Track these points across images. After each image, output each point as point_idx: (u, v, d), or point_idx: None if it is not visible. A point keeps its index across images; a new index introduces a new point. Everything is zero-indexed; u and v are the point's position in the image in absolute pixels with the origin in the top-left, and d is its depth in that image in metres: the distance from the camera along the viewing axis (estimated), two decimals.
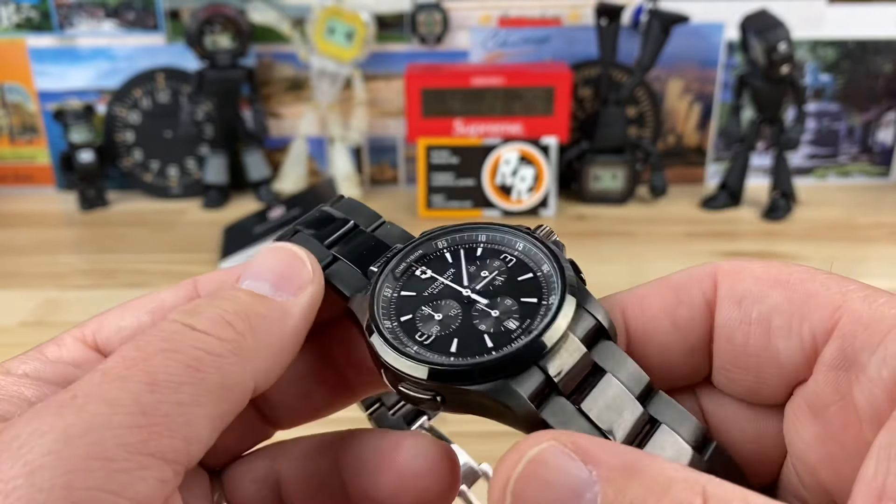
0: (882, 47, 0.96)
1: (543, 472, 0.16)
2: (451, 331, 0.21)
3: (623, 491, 0.16)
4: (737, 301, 0.20)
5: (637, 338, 0.21)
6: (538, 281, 0.22)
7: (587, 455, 0.16)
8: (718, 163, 1.01)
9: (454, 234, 0.24)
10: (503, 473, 0.17)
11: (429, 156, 0.91)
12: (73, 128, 0.93)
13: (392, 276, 0.23)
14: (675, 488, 0.15)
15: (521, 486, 0.17)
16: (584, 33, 0.95)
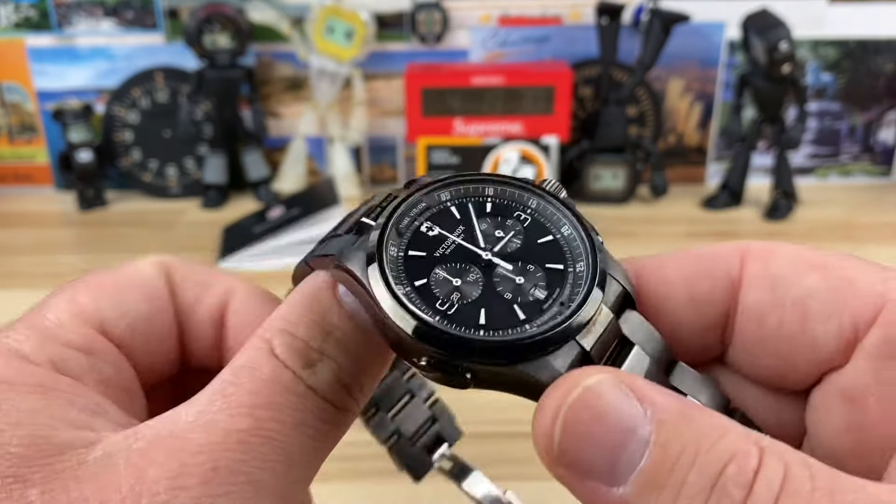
0: (883, 47, 0.96)
1: (598, 403, 0.16)
2: (474, 299, 0.20)
3: (679, 433, 0.16)
4: (769, 283, 0.19)
5: (649, 305, 0.21)
6: (559, 245, 0.21)
7: (643, 395, 0.16)
8: (719, 162, 1.01)
9: (458, 186, 0.23)
10: (554, 401, 0.17)
11: (429, 155, 0.90)
12: (72, 127, 0.93)
13: (395, 231, 0.20)
14: (730, 436, 0.15)
15: (573, 415, 0.16)
16: (584, 32, 0.95)
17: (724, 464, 0.15)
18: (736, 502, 0.15)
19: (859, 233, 0.86)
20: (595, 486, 0.16)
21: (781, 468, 0.15)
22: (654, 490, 0.15)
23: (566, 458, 0.16)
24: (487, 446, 0.50)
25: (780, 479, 0.15)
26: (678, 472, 0.15)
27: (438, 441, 0.33)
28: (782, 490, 0.15)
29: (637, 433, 0.16)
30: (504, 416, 0.54)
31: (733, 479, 0.15)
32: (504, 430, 0.52)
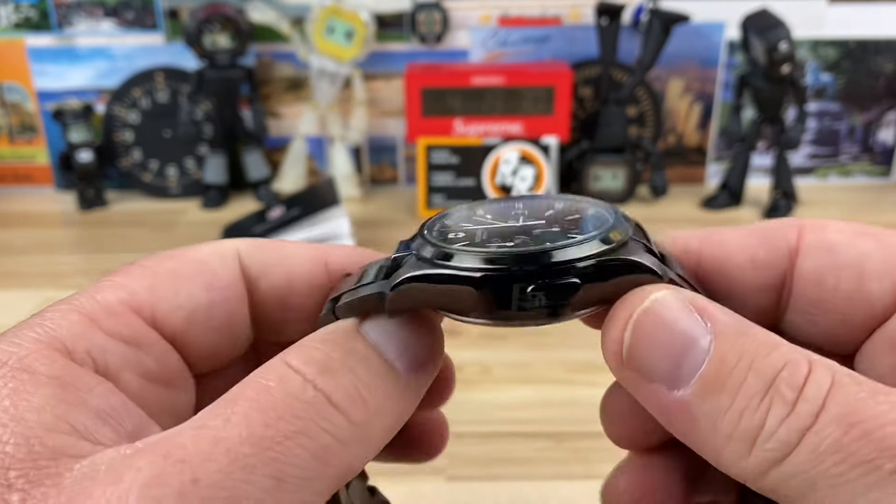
0: (883, 47, 0.96)
1: (666, 314, 0.18)
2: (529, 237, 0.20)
3: (737, 344, 0.17)
4: (826, 248, 0.21)
5: (709, 268, 0.22)
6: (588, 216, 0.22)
7: (705, 310, 0.18)
8: (719, 162, 1.01)
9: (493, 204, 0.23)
10: (626, 309, 0.18)
11: (429, 155, 0.90)
12: (72, 127, 0.93)
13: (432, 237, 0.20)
14: (783, 348, 0.17)
15: (643, 321, 0.18)
16: (584, 33, 0.95)
17: (778, 370, 0.17)
18: (789, 402, 0.17)
19: None
20: (658, 388, 0.18)
21: (829, 376, 0.17)
22: (712, 392, 0.17)
23: (633, 362, 0.18)
24: (487, 446, 0.50)
25: (828, 384, 0.17)
26: (736, 376, 0.17)
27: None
28: (830, 391, 0.16)
29: (699, 343, 0.18)
30: (504, 416, 0.54)
31: (787, 382, 0.17)
32: (504, 430, 0.52)
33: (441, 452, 0.24)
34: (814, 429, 0.16)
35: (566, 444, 0.50)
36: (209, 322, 0.21)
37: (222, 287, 0.21)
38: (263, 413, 0.16)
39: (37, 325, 0.19)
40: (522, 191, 0.90)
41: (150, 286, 0.21)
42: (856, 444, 0.16)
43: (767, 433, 0.17)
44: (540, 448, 0.50)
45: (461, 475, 0.48)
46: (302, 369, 0.17)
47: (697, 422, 0.18)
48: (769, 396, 0.17)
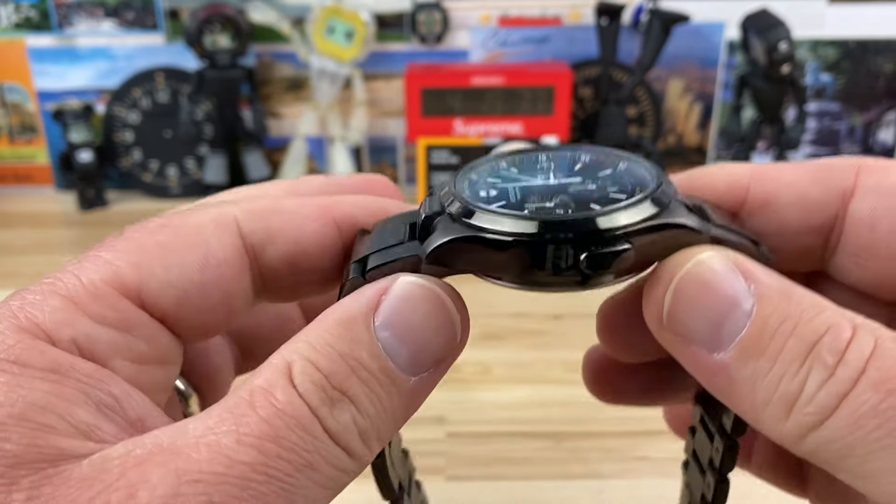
0: (883, 47, 0.96)
1: (708, 276, 0.18)
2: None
3: (780, 307, 0.17)
4: (884, 191, 0.20)
5: (756, 203, 0.21)
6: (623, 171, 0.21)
7: (748, 272, 0.18)
8: (719, 162, 1.01)
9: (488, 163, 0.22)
10: (669, 270, 0.18)
11: (429, 155, 0.90)
12: (73, 127, 0.93)
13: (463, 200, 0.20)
14: (827, 312, 0.17)
15: (685, 283, 0.18)
16: (584, 33, 0.95)
17: (821, 334, 0.17)
18: (829, 367, 0.16)
19: None
20: (698, 350, 0.18)
21: (872, 340, 0.17)
22: (752, 356, 0.17)
23: (674, 324, 0.18)
24: (487, 446, 0.51)
25: (870, 349, 0.17)
26: (777, 340, 0.17)
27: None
28: (871, 356, 0.16)
29: (741, 305, 0.17)
30: (504, 415, 0.54)
31: (828, 346, 0.17)
32: (504, 430, 0.52)
33: None
34: (852, 394, 0.16)
35: (566, 443, 0.50)
36: (203, 302, 0.20)
37: (218, 264, 0.20)
38: (276, 442, 0.16)
39: (17, 310, 0.18)
40: None
41: (138, 263, 0.19)
42: (893, 410, 0.16)
43: (806, 398, 0.17)
44: (539, 448, 0.50)
45: (461, 475, 0.48)
46: (308, 398, 0.17)
47: (736, 385, 0.17)
48: (809, 361, 0.17)
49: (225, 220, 0.21)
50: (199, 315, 0.20)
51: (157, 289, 0.19)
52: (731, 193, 0.22)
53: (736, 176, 0.22)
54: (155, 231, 0.20)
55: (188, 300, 0.20)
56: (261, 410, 0.17)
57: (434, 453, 0.49)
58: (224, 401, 0.17)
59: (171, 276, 0.19)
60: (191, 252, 0.20)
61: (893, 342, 0.17)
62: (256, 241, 0.21)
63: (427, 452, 0.49)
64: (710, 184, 0.22)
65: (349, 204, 0.22)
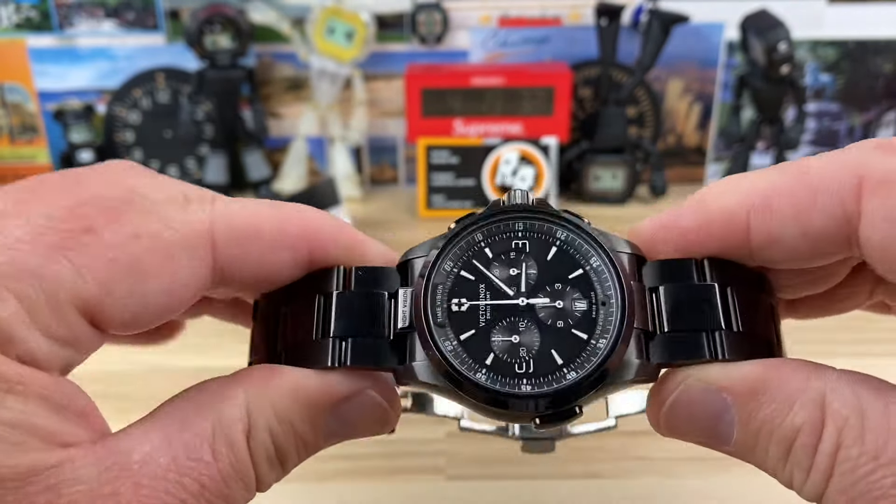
0: (882, 47, 0.96)
1: (687, 405, 0.21)
2: (538, 346, 0.22)
3: (754, 413, 0.20)
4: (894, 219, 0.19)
5: (762, 241, 0.21)
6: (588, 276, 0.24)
7: (721, 385, 0.20)
8: (718, 163, 1.01)
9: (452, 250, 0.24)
10: (654, 411, 0.22)
11: (429, 156, 0.91)
12: (73, 128, 0.93)
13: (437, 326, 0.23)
14: (795, 409, 0.19)
15: (674, 410, 0.21)
16: (584, 33, 0.95)
17: (793, 439, 0.19)
18: (805, 468, 0.19)
19: None
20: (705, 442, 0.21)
21: (836, 432, 0.19)
22: (750, 452, 0.20)
23: (676, 435, 0.22)
24: (488, 446, 0.51)
25: (834, 446, 0.19)
26: (761, 445, 0.20)
27: None
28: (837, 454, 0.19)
29: (724, 417, 0.20)
30: None
31: (802, 450, 0.19)
32: None
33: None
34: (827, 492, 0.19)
35: (566, 443, 0.50)
36: (153, 319, 0.21)
37: (183, 285, 0.21)
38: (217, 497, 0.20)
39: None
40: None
41: (105, 281, 0.20)
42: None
43: (798, 486, 0.20)
44: None
45: (461, 474, 0.48)
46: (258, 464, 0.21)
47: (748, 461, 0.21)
48: (790, 465, 0.19)
49: (200, 240, 0.21)
50: (144, 324, 0.22)
51: (115, 312, 0.20)
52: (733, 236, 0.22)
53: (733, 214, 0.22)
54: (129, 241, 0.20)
55: (140, 318, 0.21)
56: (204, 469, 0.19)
57: (434, 453, 0.50)
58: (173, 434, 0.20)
59: (132, 300, 0.20)
60: (159, 276, 0.20)
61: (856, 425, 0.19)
62: (227, 262, 0.22)
63: (427, 452, 0.49)
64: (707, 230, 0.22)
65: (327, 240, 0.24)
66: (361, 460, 0.48)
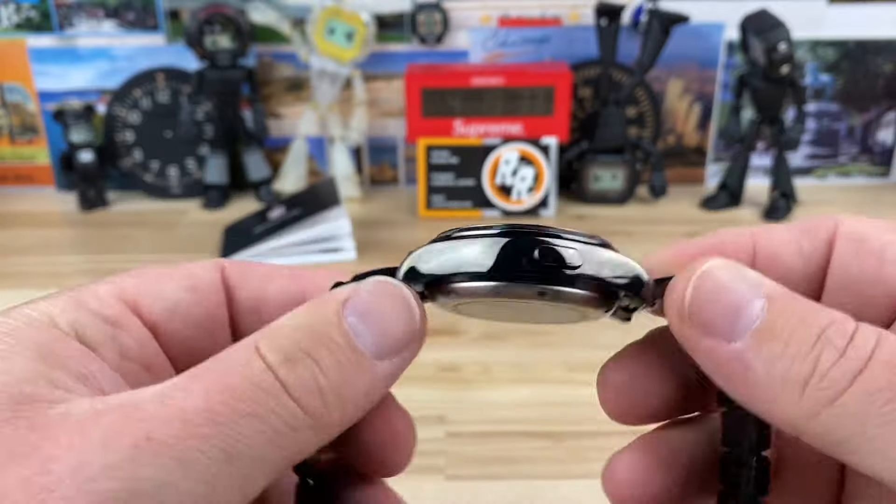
0: (882, 47, 0.96)
1: (722, 277, 0.20)
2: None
3: (787, 305, 0.19)
4: (856, 237, 0.23)
5: (765, 256, 0.24)
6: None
7: (757, 278, 0.20)
8: (718, 163, 1.01)
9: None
10: (686, 274, 0.21)
11: (429, 156, 0.91)
12: (73, 128, 0.93)
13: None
14: (830, 310, 0.19)
15: (703, 280, 0.20)
16: (584, 33, 0.95)
17: (828, 324, 0.19)
18: (839, 349, 0.18)
19: None
20: (715, 342, 0.20)
21: (876, 331, 0.18)
22: (766, 341, 0.19)
23: (694, 317, 0.20)
24: (487, 445, 0.51)
25: (875, 336, 0.18)
26: (788, 327, 0.19)
27: None
28: (878, 341, 0.18)
29: (753, 303, 0.19)
30: (504, 415, 0.54)
31: (836, 332, 0.18)
32: (503, 430, 0.52)
33: (399, 471, 0.25)
34: (865, 372, 0.18)
35: (565, 443, 0.50)
36: (189, 317, 0.23)
37: (203, 289, 0.23)
38: (222, 392, 0.17)
39: (32, 304, 0.21)
40: (522, 191, 0.91)
41: (138, 283, 0.23)
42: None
43: (819, 375, 0.18)
44: (539, 447, 0.50)
45: (461, 474, 0.48)
46: (267, 357, 0.18)
47: (752, 370, 0.19)
48: (820, 344, 0.18)
49: (212, 263, 0.24)
50: (185, 330, 0.23)
51: (150, 300, 0.22)
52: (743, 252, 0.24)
53: (743, 237, 0.24)
54: (155, 267, 0.24)
55: (176, 313, 0.23)
56: (215, 371, 0.18)
57: (434, 453, 0.50)
58: (186, 372, 0.19)
59: (163, 293, 0.23)
60: (182, 280, 0.23)
61: (892, 334, 0.18)
62: (233, 281, 0.24)
63: (427, 452, 0.49)
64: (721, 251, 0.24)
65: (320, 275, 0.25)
66: None
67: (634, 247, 0.83)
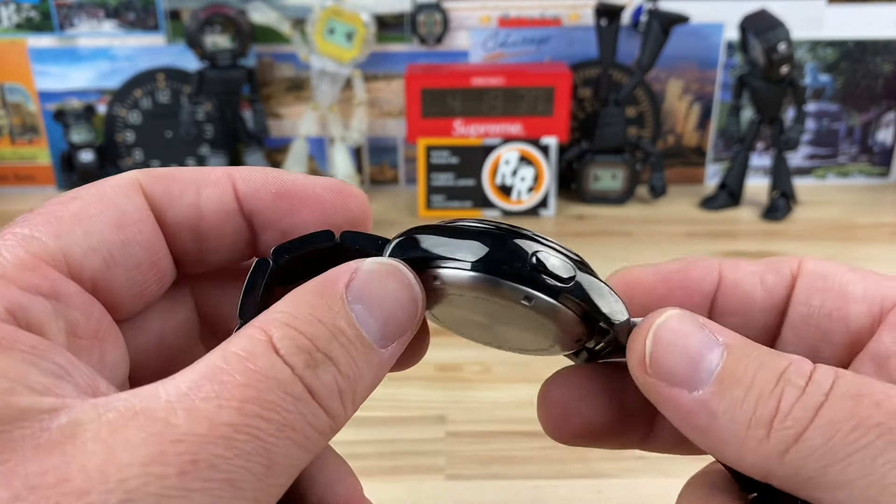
0: (881, 47, 0.96)
1: (680, 327, 0.20)
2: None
3: (745, 352, 0.20)
4: (819, 274, 0.23)
5: (728, 285, 0.24)
6: None
7: (713, 328, 0.20)
8: (718, 163, 1.01)
9: None
10: (646, 324, 0.21)
11: (429, 156, 0.91)
12: (74, 128, 0.93)
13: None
14: (787, 354, 0.19)
15: (661, 334, 0.20)
16: (584, 33, 0.95)
17: (786, 365, 0.19)
18: (798, 387, 0.18)
19: (857, 233, 0.87)
20: (679, 392, 0.20)
21: (833, 370, 0.19)
22: (729, 387, 0.19)
23: (655, 367, 0.20)
24: (487, 445, 0.51)
25: (833, 374, 0.19)
26: (748, 373, 0.19)
27: None
28: (836, 378, 0.18)
29: (712, 350, 0.20)
30: (504, 415, 0.54)
31: (795, 372, 0.19)
32: (504, 429, 0.52)
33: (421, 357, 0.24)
34: (826, 404, 0.18)
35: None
36: (128, 261, 0.20)
37: (132, 223, 0.21)
38: (258, 404, 0.16)
39: None
40: (522, 191, 0.91)
41: (57, 233, 0.19)
42: (868, 410, 0.17)
43: (783, 415, 0.18)
44: (539, 447, 0.50)
45: (461, 474, 0.48)
46: (290, 360, 0.17)
47: (717, 417, 0.19)
48: (781, 383, 0.19)
49: (129, 184, 0.21)
50: (127, 276, 0.20)
51: (80, 255, 0.19)
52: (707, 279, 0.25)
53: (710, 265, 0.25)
54: (66, 202, 0.20)
55: (114, 261, 0.20)
56: (240, 375, 0.17)
57: (434, 452, 0.50)
58: (193, 368, 0.17)
59: (91, 240, 0.20)
60: (105, 215, 0.20)
61: (851, 373, 0.19)
62: (158, 202, 0.21)
63: (427, 452, 0.50)
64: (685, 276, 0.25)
65: (248, 173, 0.23)
66: (361, 460, 0.48)
67: (634, 247, 0.83)
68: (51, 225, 0.19)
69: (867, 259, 0.81)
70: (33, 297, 0.18)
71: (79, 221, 0.20)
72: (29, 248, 0.18)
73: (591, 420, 0.25)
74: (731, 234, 0.88)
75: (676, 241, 0.85)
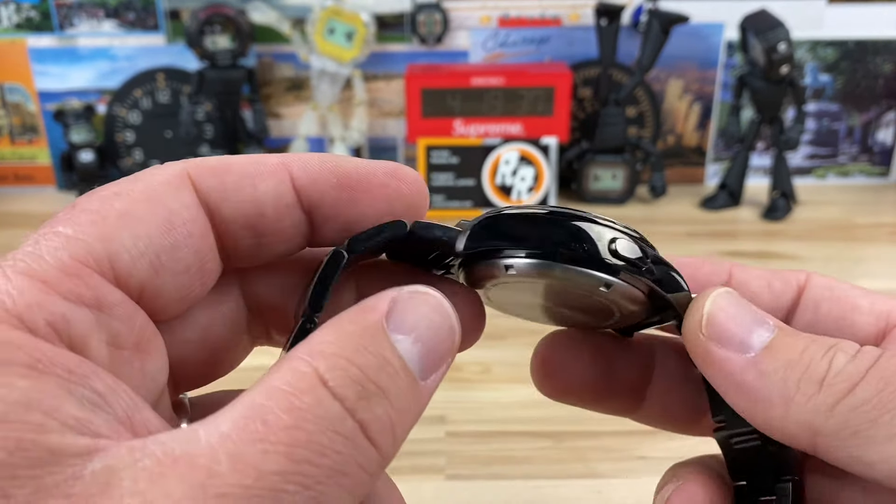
0: (882, 47, 0.96)
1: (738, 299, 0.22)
2: None
3: (796, 333, 0.21)
4: (826, 287, 0.25)
5: (736, 284, 0.25)
6: None
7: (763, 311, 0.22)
8: (718, 163, 1.01)
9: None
10: (706, 293, 0.22)
11: (429, 156, 0.91)
12: (74, 128, 0.93)
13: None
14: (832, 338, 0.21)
15: (719, 301, 0.22)
16: (584, 33, 0.95)
17: (836, 343, 0.20)
18: (849, 353, 0.20)
19: (857, 233, 0.87)
20: (729, 352, 0.21)
21: (878, 349, 0.20)
22: (780, 351, 0.20)
23: (710, 328, 0.21)
24: (487, 445, 0.51)
25: (879, 350, 0.20)
26: (800, 343, 0.20)
27: None
28: (884, 352, 0.20)
29: (763, 324, 0.21)
30: (504, 415, 0.54)
31: (846, 344, 0.20)
32: (504, 430, 0.52)
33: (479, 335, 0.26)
34: (877, 364, 0.19)
35: (565, 443, 0.50)
36: (176, 265, 0.19)
37: (183, 223, 0.19)
38: (307, 447, 0.15)
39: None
40: (522, 191, 0.91)
41: (103, 235, 0.18)
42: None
43: (835, 372, 0.19)
44: (539, 447, 0.50)
45: (461, 474, 0.48)
46: (340, 394, 0.16)
47: (766, 376, 0.20)
48: (832, 351, 0.20)
49: (179, 179, 0.19)
50: (174, 281, 0.19)
51: (129, 261, 0.18)
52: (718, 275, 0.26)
53: (721, 264, 0.26)
54: (111, 199, 0.18)
55: (162, 266, 0.19)
56: (286, 414, 0.15)
57: (434, 453, 0.50)
58: (234, 406, 0.16)
59: (139, 245, 0.18)
60: (154, 216, 0.18)
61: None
62: (211, 198, 0.20)
63: (427, 452, 0.50)
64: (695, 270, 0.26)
65: (305, 161, 0.21)
66: None
67: None
68: (96, 226, 0.17)
69: (867, 259, 0.81)
70: (76, 307, 0.16)
71: (126, 222, 0.18)
72: (73, 252, 0.17)
73: (579, 378, 0.26)
74: (732, 234, 0.87)
75: (676, 241, 0.85)
